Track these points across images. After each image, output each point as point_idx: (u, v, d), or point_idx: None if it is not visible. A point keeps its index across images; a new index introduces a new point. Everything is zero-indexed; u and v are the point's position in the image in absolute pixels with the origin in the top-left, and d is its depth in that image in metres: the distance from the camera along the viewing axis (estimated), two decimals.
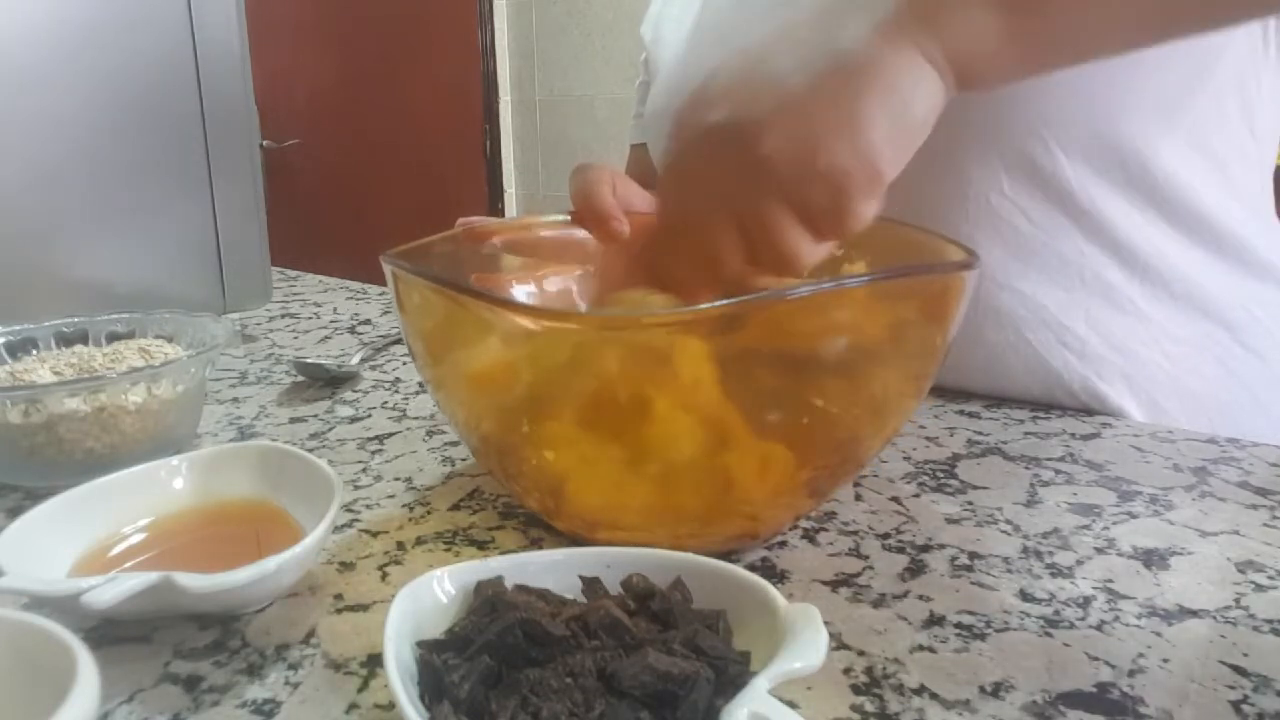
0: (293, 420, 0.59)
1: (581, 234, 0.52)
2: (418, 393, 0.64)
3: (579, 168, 0.52)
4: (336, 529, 0.43)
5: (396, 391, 0.65)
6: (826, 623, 0.28)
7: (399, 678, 0.26)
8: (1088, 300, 0.58)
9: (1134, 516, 0.45)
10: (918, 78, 0.38)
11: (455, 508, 0.46)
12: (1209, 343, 0.60)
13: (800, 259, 0.39)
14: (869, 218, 0.38)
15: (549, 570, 0.33)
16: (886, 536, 0.43)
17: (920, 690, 0.31)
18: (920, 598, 0.37)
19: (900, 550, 0.41)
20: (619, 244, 0.51)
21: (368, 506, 0.46)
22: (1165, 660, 0.33)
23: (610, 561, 0.33)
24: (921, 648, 0.34)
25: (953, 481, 0.49)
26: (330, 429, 0.57)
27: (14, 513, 0.43)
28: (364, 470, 0.50)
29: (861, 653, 0.34)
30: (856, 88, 0.37)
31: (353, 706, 0.31)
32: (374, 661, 0.33)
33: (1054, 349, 0.59)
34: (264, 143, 2.78)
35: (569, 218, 0.52)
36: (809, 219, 0.38)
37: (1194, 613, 0.36)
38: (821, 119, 0.37)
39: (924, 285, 0.40)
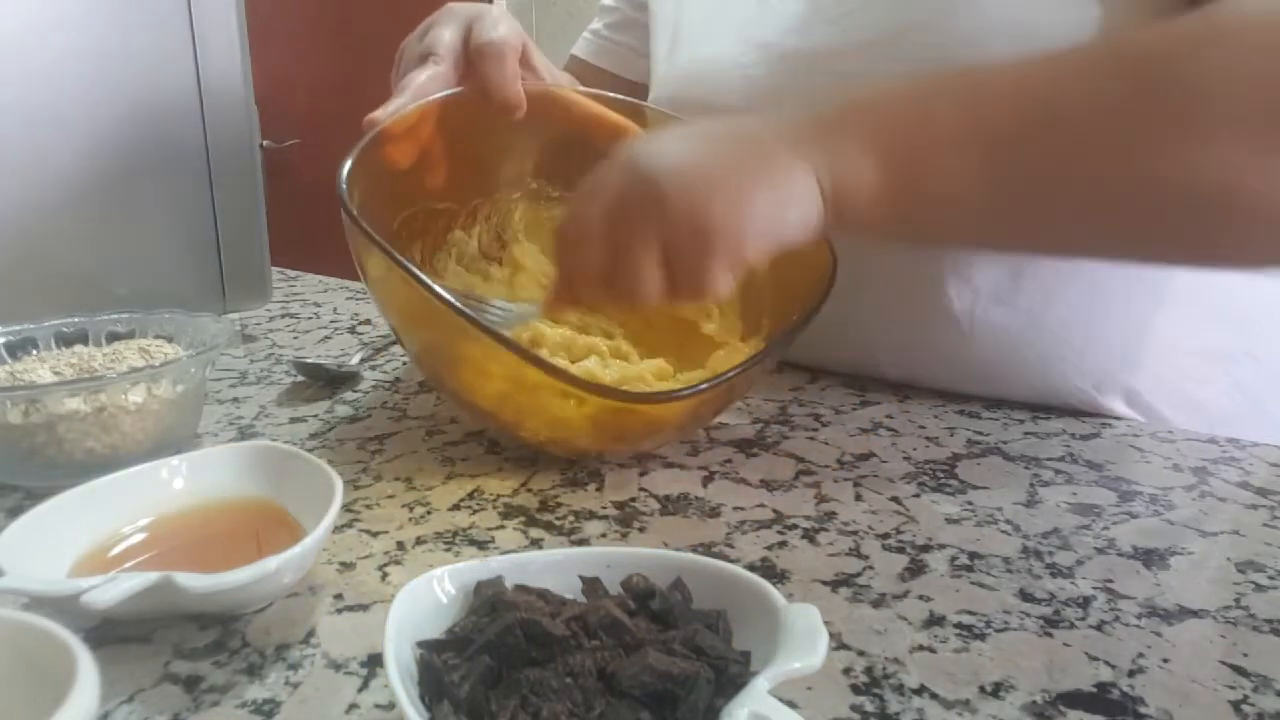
0: (293, 420, 0.59)
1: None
2: (418, 392, 0.64)
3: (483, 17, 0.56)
4: (336, 529, 0.43)
5: (396, 391, 0.65)
6: (826, 623, 0.28)
7: (399, 678, 0.26)
8: (1088, 312, 0.57)
9: (1134, 516, 0.45)
10: (801, 190, 0.43)
11: (455, 508, 0.46)
12: (1216, 353, 0.59)
13: (641, 295, 0.43)
14: (718, 289, 0.43)
15: (549, 570, 0.33)
16: (886, 536, 0.43)
17: (920, 690, 0.31)
18: (920, 598, 0.37)
19: (900, 550, 0.41)
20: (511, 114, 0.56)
21: (368, 506, 0.46)
22: (1165, 660, 0.33)
23: (610, 561, 0.33)
24: (921, 648, 0.34)
25: (953, 481, 0.49)
26: (330, 429, 0.57)
27: (14, 513, 0.43)
28: (364, 470, 0.50)
29: (861, 653, 0.34)
30: (752, 173, 0.43)
31: (353, 706, 0.31)
32: (374, 661, 0.33)
33: (1051, 363, 0.59)
34: (264, 143, 2.77)
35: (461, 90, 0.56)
36: (668, 262, 0.43)
37: (1194, 613, 0.36)
38: (716, 185, 0.42)
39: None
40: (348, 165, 0.48)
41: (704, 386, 0.46)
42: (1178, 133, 0.40)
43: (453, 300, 0.43)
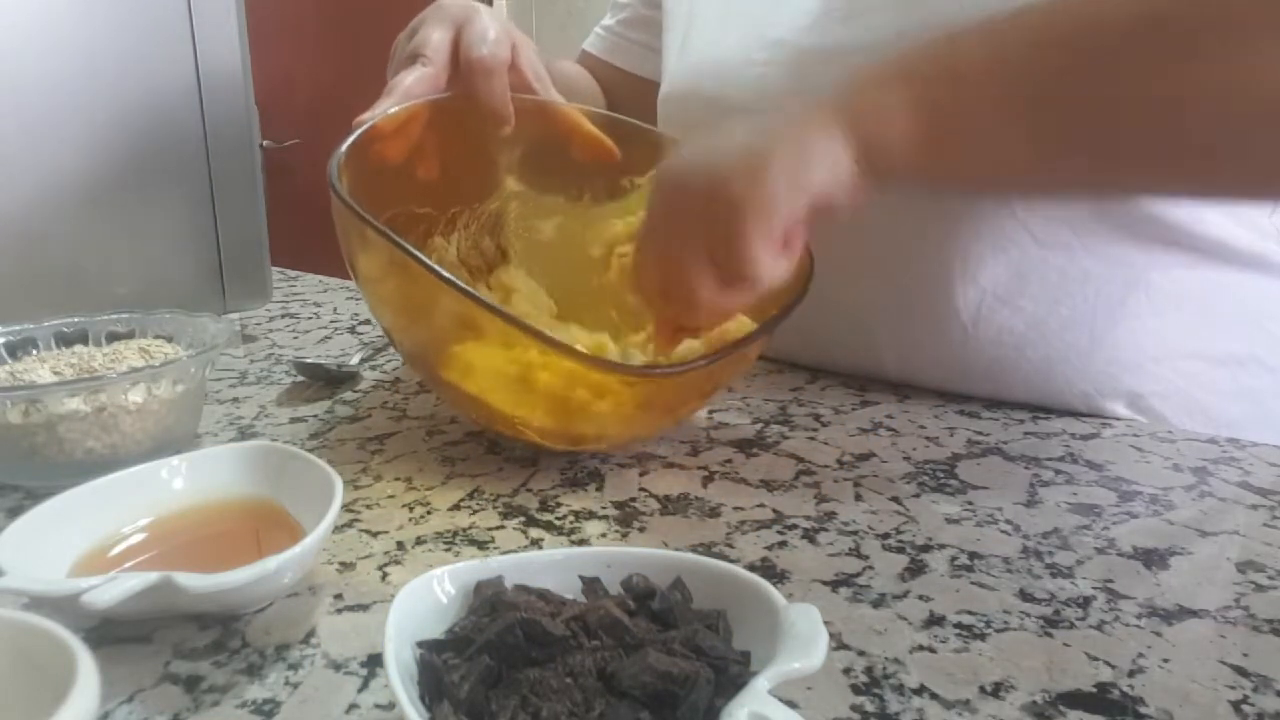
0: (293, 420, 0.59)
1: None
2: (418, 393, 0.64)
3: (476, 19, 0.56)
4: (336, 529, 0.43)
5: (396, 391, 0.65)
6: (826, 623, 0.28)
7: (399, 678, 0.26)
8: (1092, 317, 0.57)
9: (1134, 516, 0.45)
10: (828, 146, 0.43)
11: (455, 508, 0.46)
12: (1224, 358, 0.59)
13: (698, 297, 0.44)
14: (764, 268, 0.43)
15: (549, 570, 0.33)
16: (886, 536, 0.43)
17: (920, 690, 0.31)
18: (920, 598, 0.37)
19: (900, 550, 0.41)
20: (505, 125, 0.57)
21: (368, 506, 0.46)
22: (1165, 660, 0.33)
23: (610, 561, 0.33)
24: (921, 648, 0.34)
25: (953, 481, 0.49)
26: (330, 429, 0.57)
27: (14, 513, 0.43)
28: (364, 470, 0.50)
29: (861, 653, 0.34)
30: (774, 142, 0.43)
31: (353, 706, 0.31)
32: (374, 661, 0.33)
33: (1054, 365, 0.58)
34: (264, 143, 2.77)
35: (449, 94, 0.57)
36: (713, 251, 0.43)
37: (1194, 613, 0.36)
38: (734, 165, 0.43)
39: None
40: (339, 157, 0.48)
41: (704, 362, 0.45)
42: (1216, 39, 0.38)
43: (447, 274, 0.43)
